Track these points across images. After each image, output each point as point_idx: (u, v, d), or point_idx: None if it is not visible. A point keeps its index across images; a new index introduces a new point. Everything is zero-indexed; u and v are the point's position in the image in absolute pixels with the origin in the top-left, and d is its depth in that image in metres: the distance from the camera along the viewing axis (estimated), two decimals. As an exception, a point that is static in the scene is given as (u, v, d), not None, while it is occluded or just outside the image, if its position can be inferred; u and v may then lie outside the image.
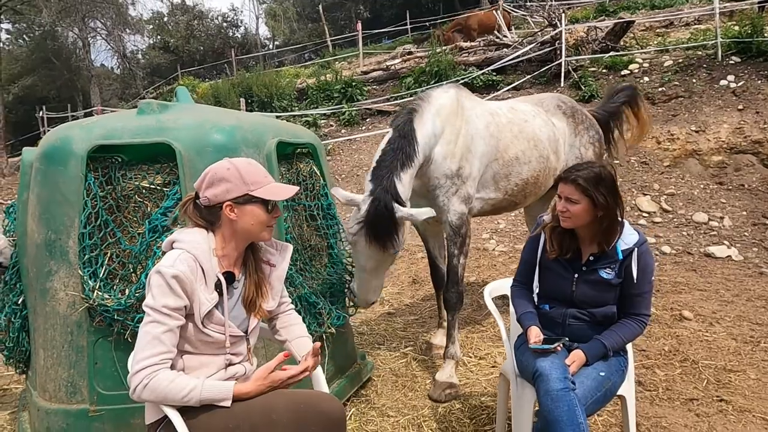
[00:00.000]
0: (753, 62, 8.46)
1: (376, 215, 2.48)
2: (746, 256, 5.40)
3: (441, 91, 3.08)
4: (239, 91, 12.92)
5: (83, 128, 2.30)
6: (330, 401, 1.57)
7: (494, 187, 3.22)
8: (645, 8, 13.82)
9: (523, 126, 3.35)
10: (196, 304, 1.51)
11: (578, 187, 1.93)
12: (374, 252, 2.54)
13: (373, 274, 2.65)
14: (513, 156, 3.22)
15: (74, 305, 2.17)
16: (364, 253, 2.57)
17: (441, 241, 3.54)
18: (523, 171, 3.28)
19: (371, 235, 2.48)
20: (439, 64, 11.20)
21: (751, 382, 2.97)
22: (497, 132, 3.17)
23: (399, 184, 2.59)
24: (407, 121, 2.79)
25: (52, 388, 2.24)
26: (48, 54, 25.93)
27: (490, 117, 3.19)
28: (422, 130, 2.80)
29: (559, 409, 1.69)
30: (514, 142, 3.24)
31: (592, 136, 3.85)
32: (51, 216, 2.22)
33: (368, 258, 2.58)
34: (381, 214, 2.48)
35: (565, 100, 3.90)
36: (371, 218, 2.49)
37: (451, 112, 2.98)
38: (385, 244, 2.50)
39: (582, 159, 3.70)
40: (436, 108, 2.92)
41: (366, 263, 2.60)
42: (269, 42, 35.11)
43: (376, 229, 2.48)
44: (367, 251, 2.54)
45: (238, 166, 1.60)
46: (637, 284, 1.96)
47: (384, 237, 2.49)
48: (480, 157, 3.06)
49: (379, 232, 2.48)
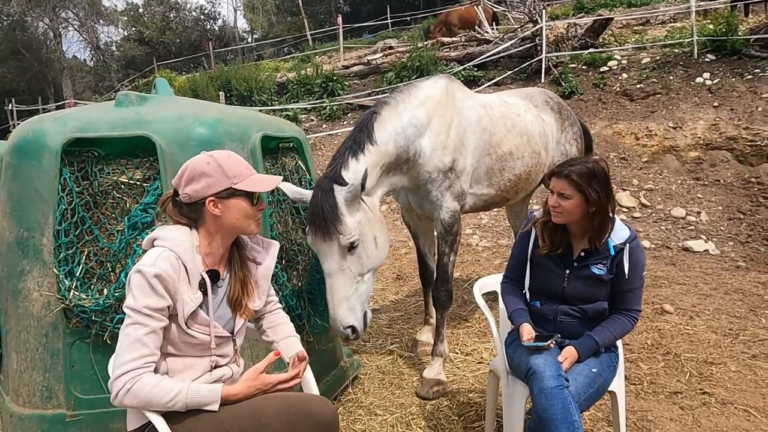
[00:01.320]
0: (728, 60, 8.63)
1: (316, 200, 2.27)
2: (723, 250, 5.51)
3: (431, 82, 2.99)
4: (218, 84, 12.70)
5: (57, 120, 2.19)
6: (322, 404, 1.52)
7: (487, 183, 3.16)
8: (622, 6, 13.98)
9: (516, 120, 3.31)
10: (180, 304, 1.45)
11: (571, 182, 1.91)
12: (327, 245, 2.26)
13: (337, 280, 2.30)
14: (507, 151, 3.17)
15: (49, 306, 2.07)
16: (319, 252, 2.31)
17: (432, 239, 3.48)
18: (516, 166, 3.24)
19: (315, 223, 2.25)
20: (420, 59, 11.16)
21: (732, 374, 3.02)
22: (490, 126, 3.10)
23: (345, 171, 2.40)
24: (367, 114, 2.68)
25: (26, 393, 2.14)
26: (17, 45, 25.10)
27: (482, 110, 3.12)
28: (392, 121, 2.67)
29: (554, 407, 1.67)
30: (508, 136, 3.19)
31: (576, 133, 3.88)
32: (23, 213, 2.11)
33: (324, 256, 2.30)
34: (319, 198, 2.26)
35: (552, 95, 3.92)
36: (312, 206, 2.28)
37: (440, 103, 2.88)
38: (330, 229, 2.23)
39: (567, 155, 3.72)
40: (419, 99, 2.81)
41: (324, 264, 2.31)
42: (248, 35, 34.66)
43: (318, 214, 2.24)
44: (320, 247, 2.29)
45: (218, 159, 1.53)
46: (629, 280, 1.95)
47: (328, 222, 2.22)
48: (472, 151, 3.00)
49: (321, 216, 2.23)
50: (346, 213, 2.28)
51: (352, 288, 2.34)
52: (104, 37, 29.44)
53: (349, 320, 2.32)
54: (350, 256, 2.33)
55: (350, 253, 2.32)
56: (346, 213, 2.28)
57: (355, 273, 2.34)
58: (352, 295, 2.34)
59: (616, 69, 9.46)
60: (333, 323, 2.33)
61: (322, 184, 2.33)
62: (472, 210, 3.31)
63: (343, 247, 2.28)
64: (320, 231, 2.24)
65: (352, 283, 2.34)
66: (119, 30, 29.99)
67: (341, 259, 2.30)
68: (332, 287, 2.30)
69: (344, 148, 2.54)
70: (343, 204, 2.29)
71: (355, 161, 2.47)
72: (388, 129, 2.64)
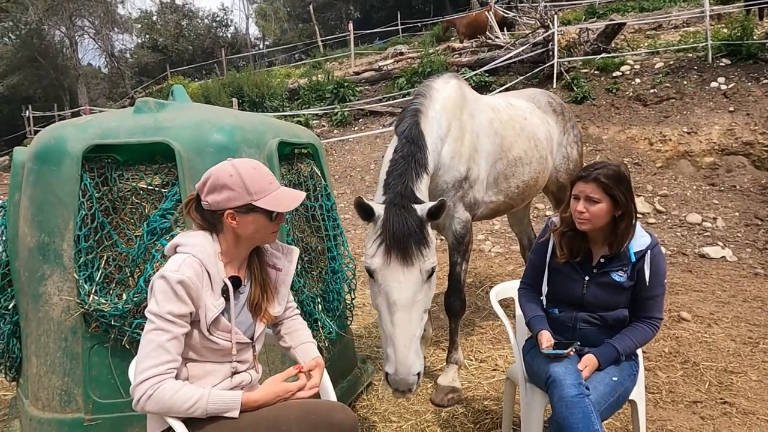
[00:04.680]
0: (743, 64, 8.54)
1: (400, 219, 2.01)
2: (740, 257, 5.43)
3: (442, 82, 2.84)
4: (230, 91, 12.80)
5: (77, 127, 2.22)
6: (342, 411, 1.51)
7: (496, 190, 3.06)
8: (634, 10, 13.91)
9: (523, 124, 3.22)
10: (202, 310, 1.45)
11: (600, 185, 1.86)
12: (404, 273, 1.97)
13: (410, 315, 1.96)
14: (516, 156, 3.08)
15: (69, 310, 2.09)
16: (390, 279, 1.98)
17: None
18: (524, 172, 3.15)
19: (398, 245, 1.97)
20: (431, 64, 11.19)
21: (753, 384, 2.97)
22: (501, 129, 3.00)
23: (417, 192, 2.21)
24: (413, 125, 2.47)
25: (45, 397, 2.16)
26: (34, 52, 25.49)
27: (491, 112, 3.01)
28: (430, 133, 2.52)
29: (574, 416, 1.65)
30: (517, 140, 3.10)
31: (576, 135, 3.84)
32: (44, 218, 2.14)
33: (399, 284, 1.97)
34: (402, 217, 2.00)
35: (554, 96, 3.87)
36: (391, 225, 2.00)
37: (456, 105, 2.76)
38: (414, 252, 1.96)
39: (569, 158, 3.69)
40: (440, 104, 2.68)
41: (396, 294, 1.97)
42: (259, 42, 34.95)
43: (401, 235, 1.97)
44: (395, 273, 1.98)
45: (242, 174, 1.50)
46: (650, 287, 1.92)
47: (413, 244, 1.96)
48: (486, 156, 2.89)
49: (406, 237, 1.97)
50: (429, 236, 2.06)
51: (420, 326, 2.03)
52: (119, 45, 29.90)
53: (418, 366, 1.96)
54: (425, 286, 2.05)
55: (427, 282, 2.05)
56: (429, 236, 2.06)
57: (424, 307, 2.06)
58: (418, 335, 2.01)
59: (629, 74, 9.40)
60: (401, 369, 1.92)
61: (401, 202, 2.08)
62: (478, 219, 3.17)
63: (424, 274, 2.01)
64: (401, 253, 1.96)
65: (421, 320, 2.04)
66: (133, 37, 30.44)
67: (416, 288, 2.01)
68: (402, 323, 1.94)
69: (404, 165, 2.29)
70: (428, 222, 2.07)
71: (419, 181, 2.29)
72: (428, 144, 2.48)
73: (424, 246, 2.00)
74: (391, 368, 1.94)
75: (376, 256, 2.02)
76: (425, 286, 2.05)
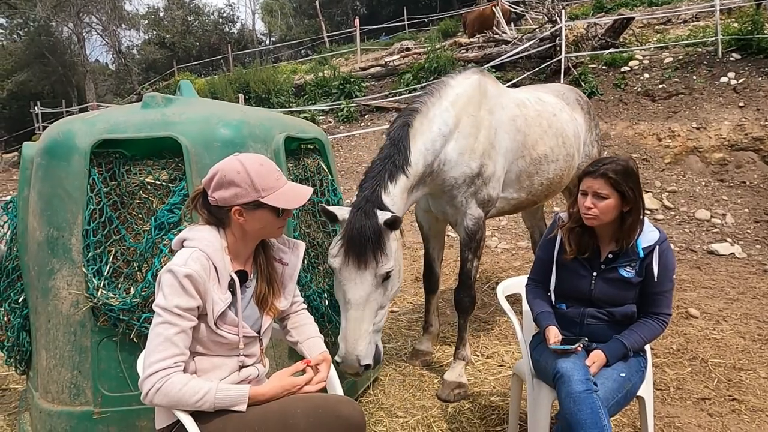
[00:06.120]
0: (753, 59, 8.44)
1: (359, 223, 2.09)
2: (749, 254, 5.38)
3: (462, 78, 2.81)
4: (236, 87, 12.83)
5: (86, 122, 2.23)
6: (349, 405, 1.52)
7: (518, 187, 3.00)
8: (643, 5, 13.77)
9: (552, 120, 3.14)
10: (209, 304, 1.46)
11: (609, 180, 1.84)
12: (360, 275, 2.07)
13: (361, 311, 2.08)
14: (542, 153, 3.01)
15: (77, 304, 2.10)
16: (346, 279, 2.09)
17: (441, 243, 3.38)
18: (549, 170, 3.08)
19: (353, 248, 2.06)
20: (438, 60, 11.14)
21: (762, 381, 2.94)
22: (525, 126, 2.93)
23: (385, 196, 2.27)
24: (400, 126, 2.49)
25: (54, 390, 2.18)
26: (42, 49, 25.63)
27: (516, 109, 2.94)
28: (427, 131, 2.51)
29: (582, 412, 1.64)
30: (544, 137, 3.03)
31: (598, 134, 3.81)
32: (53, 212, 2.15)
33: (352, 285, 2.08)
34: (362, 222, 2.08)
35: (580, 93, 3.81)
36: (351, 229, 2.08)
37: (471, 101, 2.71)
38: (369, 256, 2.05)
39: (590, 157, 3.65)
40: (449, 100, 2.65)
41: (351, 293, 2.09)
42: (266, 38, 34.99)
43: (357, 239, 2.05)
44: (351, 274, 2.08)
45: (249, 170, 1.49)
46: (658, 282, 1.91)
47: (368, 249, 2.05)
48: (504, 153, 2.82)
49: (362, 242, 2.05)
50: (387, 244, 2.12)
51: (373, 321, 2.14)
52: (126, 41, 30.02)
53: (368, 358, 2.09)
54: (380, 288, 2.14)
55: (382, 284, 2.14)
56: (387, 244, 2.12)
57: (379, 305, 2.16)
58: (372, 329, 2.14)
59: (637, 69, 9.32)
60: (348, 359, 2.07)
61: (364, 206, 2.15)
62: (499, 214, 3.15)
63: (378, 277, 2.10)
64: (357, 257, 2.05)
65: (374, 316, 2.15)
66: (140, 34, 30.54)
67: (370, 290, 2.10)
68: (354, 319, 2.08)
69: (380, 167, 2.35)
70: (386, 233, 2.12)
71: (392, 185, 2.32)
72: (419, 145, 2.48)
73: (380, 252, 2.08)
74: (339, 358, 2.10)
75: (337, 256, 2.12)
76: (380, 288, 2.15)
